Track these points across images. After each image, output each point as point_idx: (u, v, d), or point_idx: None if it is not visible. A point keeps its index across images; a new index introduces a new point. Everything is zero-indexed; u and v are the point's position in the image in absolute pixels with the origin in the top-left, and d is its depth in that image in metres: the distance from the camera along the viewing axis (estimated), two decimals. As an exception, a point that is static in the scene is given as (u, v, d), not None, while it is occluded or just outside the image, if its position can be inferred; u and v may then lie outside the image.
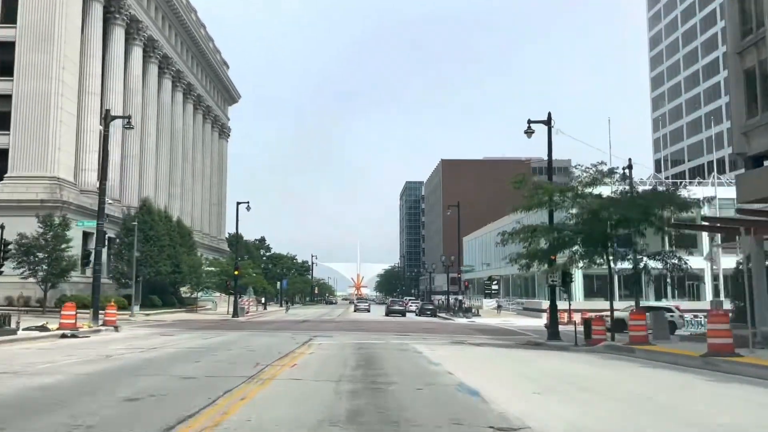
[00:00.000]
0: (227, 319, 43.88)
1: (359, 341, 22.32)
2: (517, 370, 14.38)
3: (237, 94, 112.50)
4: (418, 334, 28.50)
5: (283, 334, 26.26)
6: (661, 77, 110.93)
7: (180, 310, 55.40)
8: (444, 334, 29.56)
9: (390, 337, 25.60)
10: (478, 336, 28.89)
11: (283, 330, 29.98)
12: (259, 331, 29.13)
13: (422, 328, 35.02)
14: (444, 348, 20.53)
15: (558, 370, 14.36)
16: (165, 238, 54.92)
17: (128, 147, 66.67)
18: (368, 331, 30.25)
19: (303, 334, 26.00)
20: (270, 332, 27.68)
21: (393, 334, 27.96)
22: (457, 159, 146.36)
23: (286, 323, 38.72)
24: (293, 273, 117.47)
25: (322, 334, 26.77)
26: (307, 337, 24.00)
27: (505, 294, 73.32)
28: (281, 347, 18.55)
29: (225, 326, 32.96)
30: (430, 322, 44.93)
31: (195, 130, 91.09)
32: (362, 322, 42.51)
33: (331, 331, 29.19)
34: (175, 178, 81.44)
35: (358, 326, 35.47)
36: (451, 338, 26.52)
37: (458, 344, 22.93)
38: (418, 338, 25.66)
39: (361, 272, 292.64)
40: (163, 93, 76.91)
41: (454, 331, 32.19)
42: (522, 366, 15.42)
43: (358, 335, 26.39)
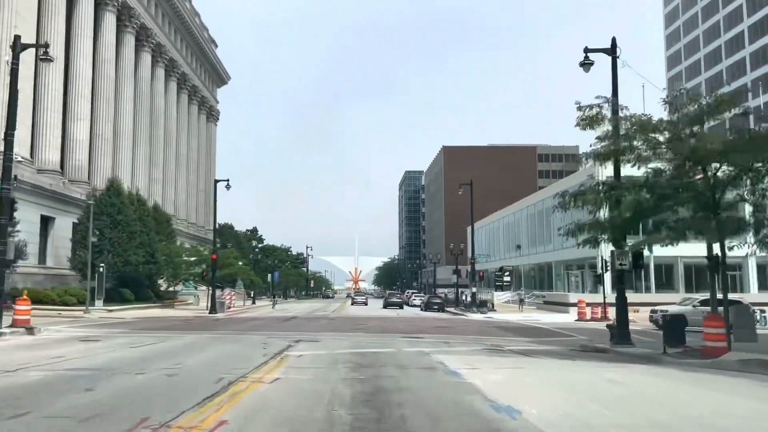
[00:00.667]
0: (201, 316, 37.27)
1: (357, 350, 15.81)
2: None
3: (226, 75, 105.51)
4: (435, 336, 21.90)
5: (256, 337, 19.67)
6: (677, 56, 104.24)
7: (154, 306, 48.80)
8: (467, 335, 22.93)
9: (399, 341, 19.06)
10: (511, 337, 22.32)
11: (260, 331, 23.38)
12: (229, 332, 22.52)
13: (435, 326, 28.38)
14: (486, 362, 13.91)
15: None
16: (136, 223, 48.18)
17: (99, 123, 59.89)
18: (369, 332, 23.68)
19: (281, 337, 19.41)
20: (240, 335, 21.09)
21: (402, 336, 21.39)
22: (459, 146, 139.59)
23: (270, 321, 32.10)
24: (287, 265, 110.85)
25: (308, 336, 20.18)
26: (286, 342, 17.45)
27: (517, 286, 66.75)
28: (233, 366, 11.96)
29: (190, 326, 26.33)
30: (440, 318, 38.31)
31: (180, 111, 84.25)
32: (361, 318, 35.88)
33: (322, 333, 22.58)
34: (156, 161, 74.72)
35: (356, 324, 28.82)
36: (479, 342, 19.94)
37: (499, 353, 16.38)
38: (437, 342, 19.09)
39: (359, 266, 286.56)
40: (142, 68, 70.01)
41: (477, 331, 25.55)
42: (666, 412, 8.61)
43: (355, 338, 19.82)
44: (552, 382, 11.24)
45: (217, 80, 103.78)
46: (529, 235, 68.15)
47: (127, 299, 48.08)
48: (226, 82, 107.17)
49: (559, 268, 58.83)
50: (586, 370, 12.98)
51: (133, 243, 47.31)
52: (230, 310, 44.77)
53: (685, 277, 50.72)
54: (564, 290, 56.11)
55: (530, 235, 67.88)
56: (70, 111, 54.91)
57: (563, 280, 58.24)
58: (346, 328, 25.75)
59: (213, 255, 40.31)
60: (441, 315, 43.77)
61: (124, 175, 62.91)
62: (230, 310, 44.77)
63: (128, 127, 65.27)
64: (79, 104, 55.24)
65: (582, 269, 53.50)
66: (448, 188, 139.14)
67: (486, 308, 42.38)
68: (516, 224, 73.41)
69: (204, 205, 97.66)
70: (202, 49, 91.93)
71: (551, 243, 60.30)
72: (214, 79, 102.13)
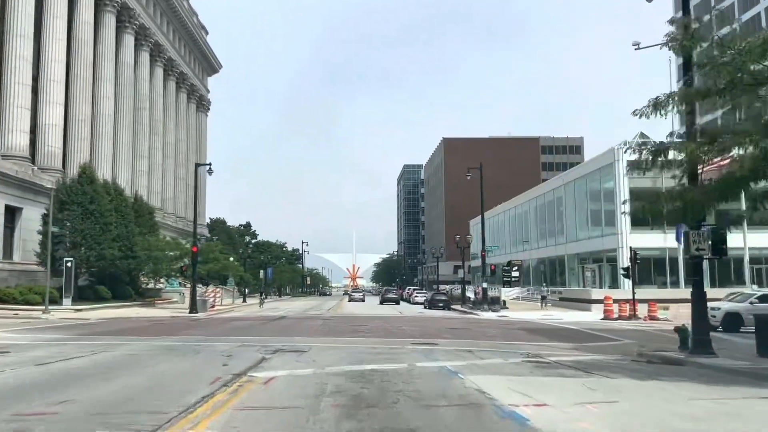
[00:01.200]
0: (178, 317, 32.97)
1: (355, 366, 11.54)
2: None
3: (217, 63, 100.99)
4: (452, 342, 17.64)
5: (224, 346, 15.41)
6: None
7: (132, 305, 44.51)
8: (490, 340, 18.67)
9: (409, 350, 14.86)
10: (545, 342, 18.09)
11: (236, 335, 19.10)
12: (195, 338, 18.23)
13: (447, 328, 24.07)
14: (545, 387, 9.48)
15: None
16: (111, 214, 43.83)
17: (75, 108, 55.43)
18: (370, 336, 19.44)
19: (257, 346, 15.15)
20: (206, 342, 16.83)
21: (411, 342, 17.16)
22: (459, 137, 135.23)
23: (254, 322, 27.79)
24: (282, 262, 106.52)
25: (291, 344, 15.90)
26: (259, 354, 13.21)
27: (525, 282, 62.45)
28: (149, 404, 7.94)
29: (155, 329, 22.04)
30: (448, 318, 34.00)
31: (167, 99, 79.72)
32: (360, 318, 31.55)
33: (311, 338, 18.29)
34: (141, 151, 70.29)
35: (353, 327, 24.49)
36: (511, 349, 15.78)
37: (546, 368, 12.16)
38: (459, 352, 14.85)
39: (357, 263, 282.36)
40: (125, 51, 65.52)
41: (500, 334, 21.24)
42: None
43: (352, 348, 15.53)
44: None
45: (207, 68, 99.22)
46: (538, 227, 63.90)
47: (103, 297, 43.84)
48: (218, 70, 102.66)
49: (572, 261, 54.60)
50: (699, 403, 8.68)
51: (109, 236, 43.00)
52: (214, 309, 40.48)
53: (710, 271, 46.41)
54: (578, 285, 51.89)
55: (539, 227, 63.62)
56: (42, 94, 50.56)
57: (577, 274, 53.99)
58: (342, 331, 21.47)
59: (193, 247, 35.89)
60: (448, 314, 39.49)
61: (104, 164, 58.54)
62: (214, 309, 40.48)
63: (109, 112, 60.82)
64: (51, 88, 50.79)
65: (599, 262, 49.28)
66: (448, 182, 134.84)
67: (498, 306, 38.11)
68: (523, 216, 69.16)
69: (194, 198, 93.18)
70: (191, 35, 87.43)
71: (563, 235, 56.08)
72: (204, 67, 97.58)
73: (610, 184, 46.56)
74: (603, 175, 47.54)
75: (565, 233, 55.44)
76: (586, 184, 50.75)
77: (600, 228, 48.25)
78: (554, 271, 59.93)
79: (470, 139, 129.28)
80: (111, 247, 42.88)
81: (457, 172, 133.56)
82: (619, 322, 31.37)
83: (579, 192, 52.81)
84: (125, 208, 48.05)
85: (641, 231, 44.24)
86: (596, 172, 48.69)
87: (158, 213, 71.36)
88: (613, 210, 45.79)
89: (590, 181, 50.07)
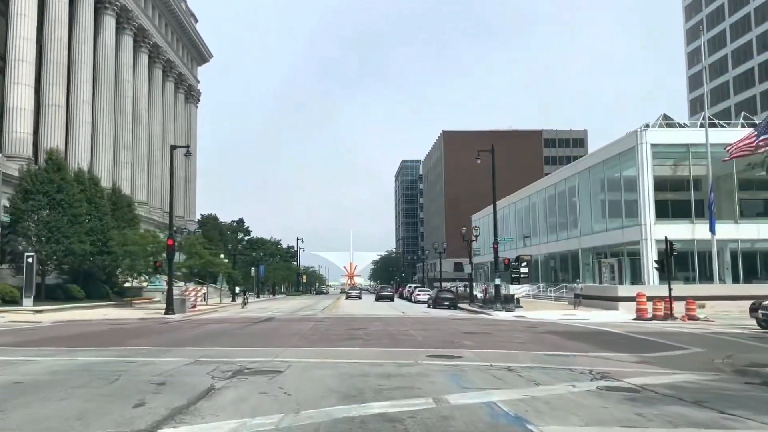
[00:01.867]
0: (151, 318, 28.78)
1: (351, 409, 7.11)
2: None
3: (208, 52, 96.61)
4: (480, 354, 13.48)
5: (166, 363, 11.20)
6: (698, 28, 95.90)
7: (107, 305, 40.36)
8: (526, 349, 14.55)
9: (427, 368, 10.73)
10: (595, 353, 14.09)
11: (198, 345, 15.00)
12: (144, 348, 14.09)
13: (464, 332, 19.91)
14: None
15: None
16: (82, 205, 39.62)
17: (48, 92, 51.28)
18: (370, 344, 15.39)
19: (210, 366, 10.81)
20: (152, 356, 12.60)
21: (427, 354, 13.03)
22: (459, 130, 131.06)
23: (231, 325, 23.62)
24: (277, 259, 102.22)
25: (264, 360, 11.71)
26: (206, 383, 8.95)
27: (534, 279, 58.30)
28: None
29: (106, 336, 17.94)
30: (459, 319, 29.86)
31: (153, 88, 75.47)
32: (358, 320, 27.40)
33: (294, 349, 14.16)
34: (124, 141, 66.04)
35: (350, 330, 20.32)
36: (561, 363, 11.57)
37: (643, 402, 7.90)
38: (499, 370, 10.63)
39: (354, 261, 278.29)
40: (105, 33, 61.29)
41: (531, 340, 17.10)
42: None
43: (347, 365, 11.19)
44: None
45: (197, 57, 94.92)
46: (547, 220, 59.82)
47: (74, 297, 39.68)
48: (208, 59, 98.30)
49: (586, 256, 50.53)
50: None
51: (79, 229, 38.79)
52: (195, 309, 36.31)
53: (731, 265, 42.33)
54: (592, 281, 47.91)
55: (548, 220, 59.54)
56: (10, 74, 46.46)
57: (591, 270, 49.94)
58: (335, 337, 17.35)
59: (168, 240, 31.69)
60: (456, 313, 35.38)
61: (81, 153, 54.38)
62: (195, 309, 36.31)
63: (86, 97, 56.57)
64: (19, 68, 46.76)
65: (618, 256, 45.24)
66: (448, 176, 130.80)
67: (512, 305, 34.02)
68: (530, 209, 65.05)
69: (183, 193, 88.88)
70: (179, 22, 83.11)
71: (576, 228, 52.02)
72: (193, 56, 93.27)
73: (631, 171, 42.53)
74: (623, 161, 43.49)
75: (578, 226, 51.39)
76: (603, 171, 46.68)
77: (619, 219, 44.20)
78: (565, 266, 55.88)
79: (470, 132, 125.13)
80: (82, 242, 38.70)
81: (457, 166, 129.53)
82: (654, 322, 27.35)
83: (594, 181, 48.76)
84: (100, 199, 43.83)
85: (667, 222, 40.30)
86: (615, 159, 44.63)
87: (143, 207, 67.21)
88: (634, 199, 41.74)
89: (608, 168, 46.00)
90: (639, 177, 40.78)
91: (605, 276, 45.92)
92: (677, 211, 41.69)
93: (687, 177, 41.40)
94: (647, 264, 40.21)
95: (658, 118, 43.48)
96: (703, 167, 40.43)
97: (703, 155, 39.88)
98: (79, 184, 42.14)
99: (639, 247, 41.24)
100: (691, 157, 40.98)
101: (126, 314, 32.31)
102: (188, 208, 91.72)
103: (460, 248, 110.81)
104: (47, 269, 38.22)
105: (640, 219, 40.74)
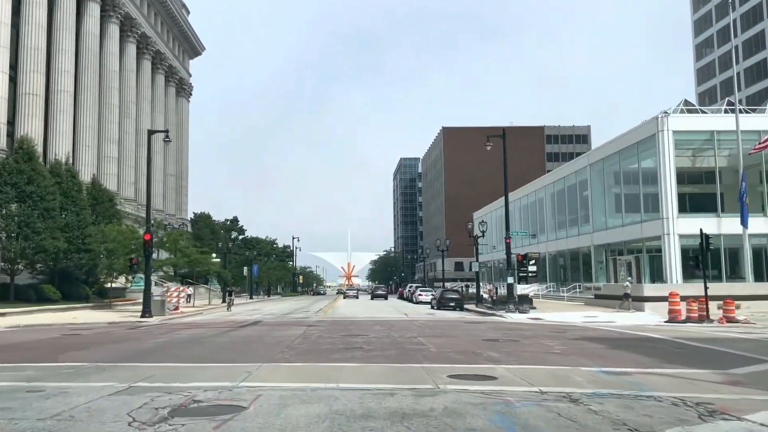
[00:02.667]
0: (121, 323, 25.57)
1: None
2: None
3: (200, 45, 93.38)
4: (517, 371, 10.29)
5: (79, 396, 7.93)
6: (707, 18, 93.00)
7: (84, 307, 37.19)
8: (573, 364, 11.41)
9: (463, 410, 7.27)
10: (658, 368, 11.18)
11: (149, 360, 11.86)
12: (73, 365, 10.89)
13: (483, 339, 16.69)
14: None
15: None
16: (55, 198, 36.36)
17: (24, 80, 48.09)
18: (372, 358, 12.29)
19: (140, 401, 7.52)
20: (71, 380, 9.35)
21: (449, 375, 9.76)
22: (459, 126, 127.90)
23: (208, 331, 20.38)
24: (273, 259, 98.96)
25: (222, 389, 8.39)
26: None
27: (542, 278, 55.16)
28: None
29: (51, 346, 14.76)
30: (469, 321, 26.67)
31: (141, 80, 72.17)
32: (355, 323, 24.18)
33: (272, 366, 10.97)
34: (110, 135, 62.82)
35: (346, 338, 17.11)
36: (630, 386, 8.53)
37: None
38: (564, 403, 7.42)
39: (352, 261, 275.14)
40: (88, 20, 58.11)
41: (570, 352, 13.86)
42: None
43: (340, 396, 7.86)
44: None
45: (189, 50, 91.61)
46: (556, 216, 56.63)
47: (49, 298, 36.46)
48: (200, 52, 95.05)
49: (600, 253, 47.38)
50: None
51: (52, 224, 35.52)
52: (177, 311, 33.06)
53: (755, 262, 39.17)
54: (606, 280, 44.79)
55: (557, 216, 56.35)
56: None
57: (605, 268, 46.79)
58: (328, 348, 14.14)
59: (146, 235, 28.46)
60: (464, 315, 32.21)
61: (61, 145, 51.13)
62: (177, 311, 33.06)
63: (67, 88, 53.43)
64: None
65: (636, 253, 42.10)
66: (448, 173, 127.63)
67: (527, 305, 30.85)
68: (537, 205, 61.88)
69: (174, 190, 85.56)
70: (170, 13, 79.82)
71: (588, 223, 48.87)
72: (185, 48, 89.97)
73: (650, 161, 39.42)
74: (641, 150, 40.35)
75: (591, 221, 48.23)
76: (619, 162, 43.56)
77: (638, 213, 41.07)
78: (576, 264, 52.72)
79: (471, 128, 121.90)
80: (55, 238, 35.41)
81: (457, 163, 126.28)
82: (691, 325, 24.24)
83: (608, 172, 45.62)
84: (77, 192, 40.55)
85: (691, 216, 37.17)
86: (632, 148, 41.47)
87: (131, 204, 63.97)
88: (655, 192, 38.63)
89: (624, 158, 42.87)
90: (660, 167, 37.67)
91: (621, 275, 42.79)
92: (700, 204, 38.60)
93: (712, 167, 38.26)
94: (670, 261, 37.13)
95: (678, 104, 40.38)
96: (727, 157, 37.40)
97: (728, 143, 36.81)
98: (55, 177, 38.94)
99: (660, 242, 38.12)
100: (717, 145, 37.89)
101: (98, 317, 29.07)
102: (179, 205, 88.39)
103: (460, 247, 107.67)
104: (16, 268, 34.96)
105: (662, 212, 37.62)
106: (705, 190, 38.86)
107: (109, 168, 62.14)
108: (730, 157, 38.08)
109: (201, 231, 79.10)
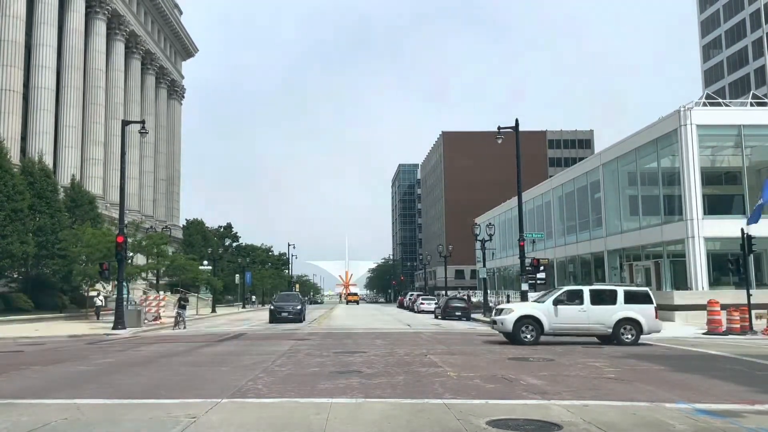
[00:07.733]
0: (86, 336, 22.48)
1: None
2: None
3: (193, 46, 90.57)
4: (591, 416, 7.13)
5: None
6: (715, 18, 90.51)
7: (56, 317, 34.05)
8: (647, 398, 8.36)
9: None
10: (748, 402, 7.72)
11: (66, 396, 8.83)
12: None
13: (508, 359, 13.57)
14: None
15: None
16: (24, 199, 33.27)
17: (3, 75, 45.01)
18: (375, 394, 9.14)
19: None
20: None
21: (487, 421, 6.55)
22: (459, 131, 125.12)
23: (178, 347, 17.25)
24: (268, 267, 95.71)
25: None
26: None
27: (550, 285, 51.93)
28: None
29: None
30: (480, 333, 23.60)
31: (130, 80, 69.27)
32: (352, 336, 21.11)
33: (233, 405, 7.92)
34: (95, 136, 59.80)
35: (341, 357, 14.02)
36: None
37: None
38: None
39: (350, 270, 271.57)
40: (73, 15, 55.22)
41: (627, 377, 10.77)
42: None
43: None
44: None
45: (181, 51, 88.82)
46: (565, 220, 53.56)
47: (20, 309, 33.33)
48: (193, 54, 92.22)
49: (614, 258, 44.30)
50: None
51: (20, 226, 32.43)
52: (157, 322, 29.94)
53: None
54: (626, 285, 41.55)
55: (566, 220, 53.28)
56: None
57: (619, 274, 43.67)
58: (316, 370, 11.05)
59: (118, 237, 25.41)
60: (475, 327, 29.11)
61: (40, 145, 48.02)
62: (157, 322, 29.94)
63: (48, 85, 50.46)
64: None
65: (655, 258, 39.04)
66: (448, 179, 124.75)
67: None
68: (543, 209, 58.83)
69: (165, 196, 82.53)
70: (161, 12, 77.05)
71: (601, 227, 45.80)
72: (177, 49, 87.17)
73: (670, 159, 36.47)
74: (661, 147, 37.37)
75: (603, 225, 45.19)
76: (636, 161, 40.57)
77: (658, 216, 38.04)
78: (587, 270, 49.61)
79: (471, 132, 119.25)
80: (24, 242, 32.33)
81: (457, 168, 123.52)
82: (734, 337, 21.24)
83: (623, 172, 42.62)
84: (52, 193, 37.50)
85: (717, 217, 34.16)
86: (650, 145, 38.51)
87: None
88: (677, 192, 35.62)
89: (641, 156, 39.88)
90: (682, 164, 34.68)
91: (639, 281, 39.69)
92: (726, 206, 35.64)
93: (738, 165, 35.30)
94: (695, 265, 34.08)
95: (701, 97, 37.49)
96: (752, 155, 34.59)
97: (757, 139, 33.97)
98: (27, 176, 35.92)
99: (683, 246, 35.06)
100: (744, 141, 34.96)
101: (64, 330, 25.91)
102: (171, 211, 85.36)
103: (461, 255, 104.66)
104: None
105: (685, 214, 34.59)
106: (727, 191, 35.98)
107: (94, 171, 59.17)
108: (757, 154, 35.18)
109: (192, 237, 75.99)
